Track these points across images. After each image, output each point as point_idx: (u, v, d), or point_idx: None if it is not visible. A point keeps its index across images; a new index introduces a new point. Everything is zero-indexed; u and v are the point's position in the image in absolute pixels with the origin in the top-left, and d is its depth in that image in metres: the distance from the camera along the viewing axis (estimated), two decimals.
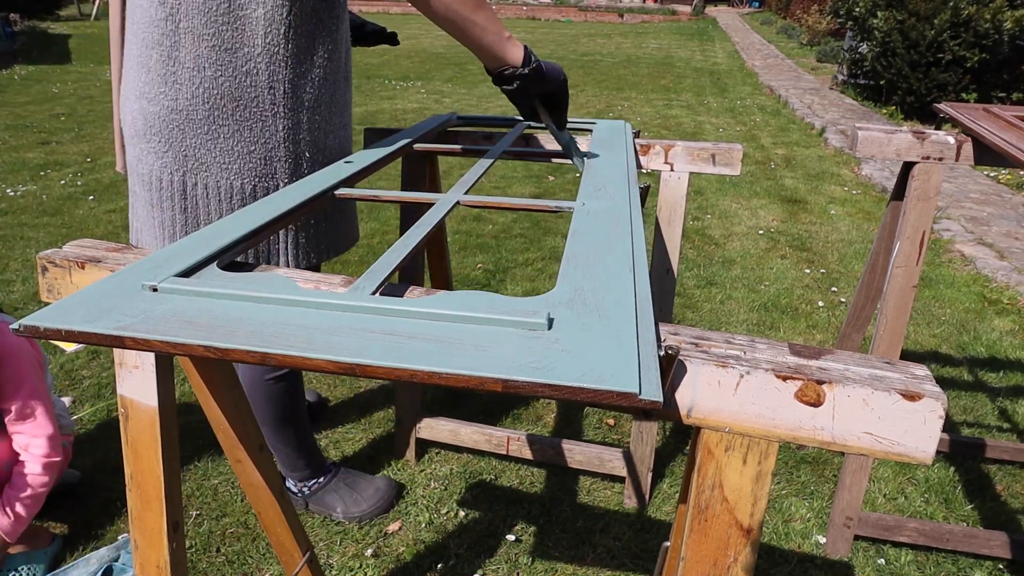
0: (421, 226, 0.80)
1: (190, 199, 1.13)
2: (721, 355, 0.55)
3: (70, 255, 0.73)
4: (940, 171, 1.35)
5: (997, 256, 3.29)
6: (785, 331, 2.58)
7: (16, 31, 10.44)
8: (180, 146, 1.10)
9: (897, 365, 0.55)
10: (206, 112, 1.08)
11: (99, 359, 2.23)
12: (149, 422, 0.76)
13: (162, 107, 1.08)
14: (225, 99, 1.07)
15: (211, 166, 1.11)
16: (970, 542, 1.52)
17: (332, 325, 0.54)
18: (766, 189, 4.36)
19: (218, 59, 1.05)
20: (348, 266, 3.04)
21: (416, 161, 1.56)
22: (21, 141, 4.97)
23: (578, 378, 0.46)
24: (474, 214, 3.72)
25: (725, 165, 1.44)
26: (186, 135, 1.09)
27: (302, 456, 1.56)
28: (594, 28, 17.45)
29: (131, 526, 0.82)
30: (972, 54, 6.22)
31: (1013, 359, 2.43)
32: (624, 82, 8.72)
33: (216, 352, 0.50)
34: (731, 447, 0.55)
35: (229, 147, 1.10)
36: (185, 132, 1.09)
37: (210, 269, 0.66)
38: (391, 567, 1.49)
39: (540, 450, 1.72)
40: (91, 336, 0.52)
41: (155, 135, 1.10)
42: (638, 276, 0.64)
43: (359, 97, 7.13)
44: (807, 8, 14.19)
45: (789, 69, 9.84)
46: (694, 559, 0.58)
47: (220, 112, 1.08)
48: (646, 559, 1.53)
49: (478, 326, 0.54)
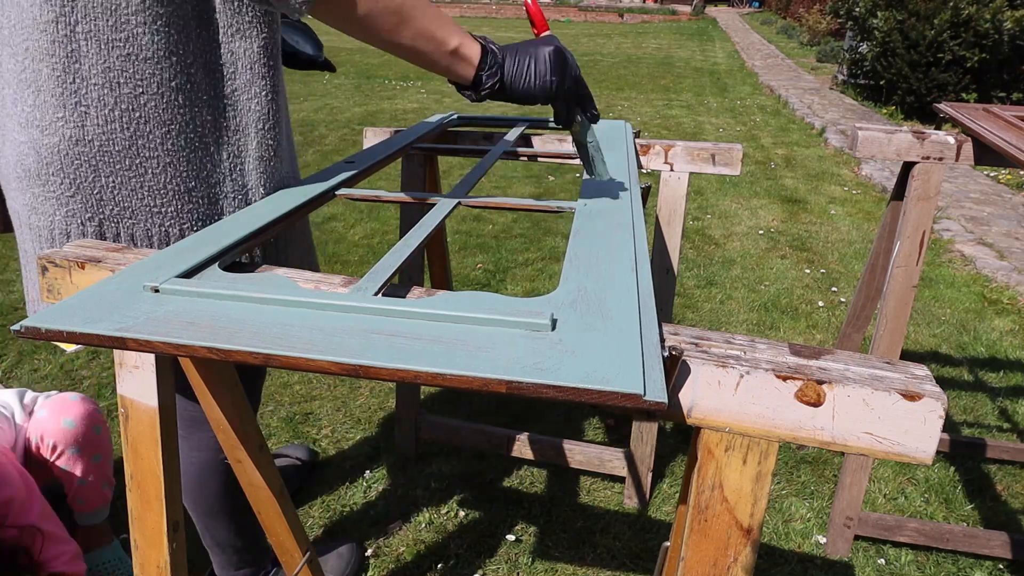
0: (422, 227, 0.80)
1: None
2: (721, 355, 0.55)
3: (70, 255, 0.73)
4: (940, 171, 1.35)
5: (997, 256, 3.30)
6: (785, 331, 2.58)
7: None
8: (92, 188, 0.84)
9: (897, 365, 0.55)
10: (126, 142, 0.83)
11: (99, 359, 2.23)
12: (149, 422, 0.76)
13: (62, 137, 0.82)
14: (150, 123, 0.83)
15: (137, 211, 0.86)
16: (970, 542, 1.52)
17: (335, 326, 0.54)
18: (766, 189, 4.37)
19: (136, 71, 0.81)
20: (348, 266, 3.05)
21: (416, 161, 1.56)
22: None
23: (582, 379, 0.46)
24: (474, 214, 3.72)
25: (725, 165, 1.44)
26: (99, 173, 0.83)
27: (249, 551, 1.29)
28: (594, 28, 17.45)
29: (131, 526, 0.82)
30: (972, 54, 6.22)
31: (1013, 359, 2.43)
32: (624, 82, 8.72)
33: (219, 353, 0.50)
34: (731, 447, 0.55)
35: (160, 184, 0.85)
36: (98, 169, 0.83)
37: (211, 270, 0.66)
38: (391, 567, 1.49)
39: (540, 450, 1.73)
40: (93, 337, 0.52)
41: (54, 175, 0.84)
42: (641, 277, 0.64)
43: (359, 97, 7.14)
44: (808, 8, 14.19)
45: (789, 69, 9.84)
46: (694, 559, 0.58)
47: (145, 140, 0.83)
48: (646, 559, 1.53)
49: (481, 327, 0.54)
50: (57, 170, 0.84)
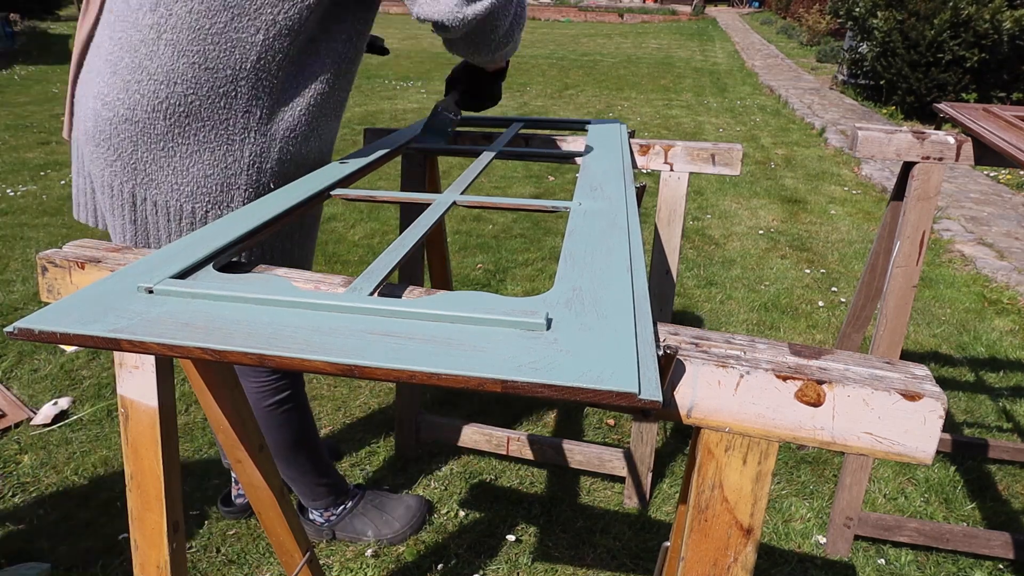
0: (418, 226, 0.80)
1: (139, 212, 1.04)
2: (721, 355, 0.54)
3: (70, 255, 0.73)
4: (940, 171, 1.35)
5: (997, 256, 3.29)
6: (785, 331, 2.58)
7: (16, 31, 10.44)
8: (130, 158, 1.00)
9: (897, 365, 0.55)
10: (165, 127, 0.99)
11: (99, 359, 2.23)
12: (149, 422, 0.76)
13: (115, 114, 0.99)
14: (191, 118, 0.98)
15: (161, 184, 1.02)
16: (970, 542, 1.51)
17: (330, 326, 0.53)
18: (766, 189, 4.36)
19: (195, 77, 0.97)
20: (348, 266, 3.04)
21: (415, 161, 1.56)
22: (21, 141, 4.97)
23: (577, 378, 0.46)
24: (474, 214, 3.72)
25: (725, 165, 1.44)
26: (138, 148, 1.00)
27: (321, 483, 1.46)
28: (594, 28, 17.45)
29: (131, 526, 0.82)
30: (972, 54, 6.22)
31: (1013, 359, 2.43)
32: (624, 82, 8.72)
33: (213, 354, 0.50)
34: (731, 447, 0.55)
35: (184, 167, 1.01)
36: (137, 144, 1.00)
37: (206, 271, 0.66)
38: (391, 567, 1.49)
39: (540, 450, 1.72)
40: (87, 339, 0.52)
41: (103, 142, 1.01)
42: (636, 276, 0.63)
43: (359, 97, 7.14)
44: (807, 8, 14.19)
45: (789, 69, 9.84)
46: (694, 559, 0.58)
47: (181, 130, 0.99)
48: (646, 559, 1.53)
49: (477, 327, 0.54)
50: (105, 138, 1.01)
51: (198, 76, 0.97)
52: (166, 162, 1.00)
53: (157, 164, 1.00)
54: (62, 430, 1.89)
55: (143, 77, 0.97)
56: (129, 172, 1.01)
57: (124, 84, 0.98)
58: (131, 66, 0.97)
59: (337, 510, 1.52)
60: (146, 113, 0.98)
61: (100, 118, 1.00)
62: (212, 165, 1.01)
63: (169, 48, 0.96)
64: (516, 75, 9.01)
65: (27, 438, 1.85)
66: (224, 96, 0.99)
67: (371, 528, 1.52)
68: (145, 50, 0.96)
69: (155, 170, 1.01)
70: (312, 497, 1.47)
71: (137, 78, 0.97)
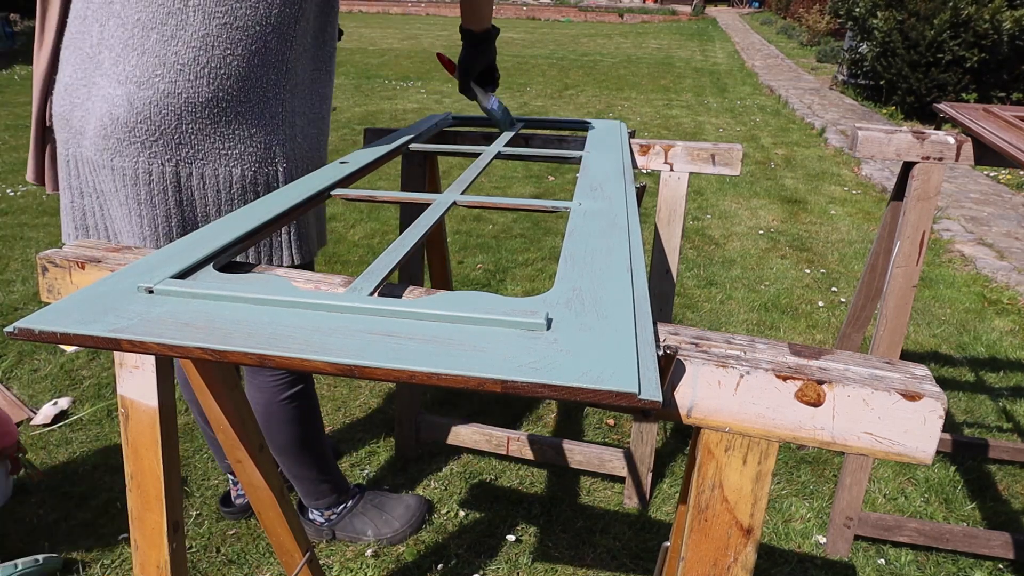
0: (418, 226, 0.80)
1: (184, 191, 1.05)
2: (721, 355, 0.54)
3: (70, 255, 0.73)
4: (940, 171, 1.35)
5: (997, 256, 3.29)
6: (785, 331, 2.58)
7: (16, 31, 10.44)
8: (173, 134, 1.01)
9: (897, 365, 0.55)
10: (210, 94, 1.00)
11: (99, 359, 2.23)
12: (149, 422, 0.76)
13: (156, 91, 0.99)
14: (231, 79, 1.01)
15: (208, 153, 1.03)
16: (970, 542, 1.51)
17: (330, 326, 0.53)
18: (766, 189, 4.36)
19: (229, 37, 0.99)
20: (348, 266, 3.04)
21: (415, 161, 1.56)
22: (21, 141, 4.97)
23: (577, 378, 0.46)
24: (474, 214, 3.72)
25: (725, 165, 1.44)
26: (182, 120, 1.01)
27: (325, 482, 1.47)
28: (594, 28, 17.45)
29: (131, 526, 0.82)
30: (972, 54, 6.21)
31: (1013, 359, 2.43)
32: (624, 82, 8.72)
33: (213, 354, 0.50)
34: (731, 447, 0.55)
35: (231, 131, 1.03)
36: (181, 117, 1.00)
37: (206, 271, 0.66)
38: (391, 567, 1.49)
39: (540, 450, 1.72)
40: (87, 339, 0.52)
41: (142, 123, 1.00)
42: (636, 275, 0.63)
43: (359, 97, 7.13)
44: (807, 8, 14.19)
45: (789, 69, 9.84)
46: (694, 559, 0.58)
47: (225, 94, 1.01)
48: (646, 559, 1.53)
49: (476, 327, 0.54)
50: (145, 118, 1.00)
51: (231, 36, 0.99)
52: (212, 129, 1.02)
53: (204, 132, 1.02)
54: (62, 430, 1.89)
55: (180, 47, 0.98)
56: (173, 149, 1.02)
57: (160, 60, 0.98)
58: (162, 39, 0.98)
59: (337, 509, 1.52)
60: (189, 82, 0.99)
61: (137, 100, 0.99)
62: (253, 124, 1.04)
63: (199, 13, 0.97)
64: (516, 75, 9.01)
65: (27, 438, 1.85)
66: (256, 53, 1.02)
67: (371, 528, 1.53)
68: (174, 21, 0.98)
69: (201, 140, 1.02)
70: (315, 496, 1.48)
71: (174, 49, 0.98)
